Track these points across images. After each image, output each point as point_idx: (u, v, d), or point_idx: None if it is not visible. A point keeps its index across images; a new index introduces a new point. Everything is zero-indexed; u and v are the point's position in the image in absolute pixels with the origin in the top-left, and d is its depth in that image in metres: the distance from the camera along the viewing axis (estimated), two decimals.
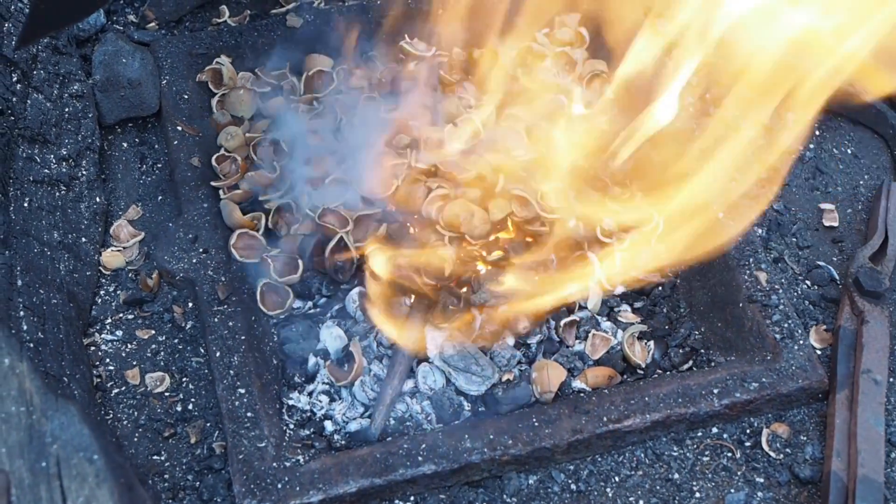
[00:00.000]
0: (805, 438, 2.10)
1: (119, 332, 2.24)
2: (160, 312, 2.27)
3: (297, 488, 1.92)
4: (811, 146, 2.58)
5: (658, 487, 2.04)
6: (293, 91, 2.56)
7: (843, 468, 2.00)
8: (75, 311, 2.18)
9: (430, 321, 2.17)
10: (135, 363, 2.19)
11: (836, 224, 2.44)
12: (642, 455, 2.07)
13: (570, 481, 2.04)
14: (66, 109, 2.40)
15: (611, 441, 2.05)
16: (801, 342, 2.13)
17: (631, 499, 2.02)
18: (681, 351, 2.21)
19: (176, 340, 2.23)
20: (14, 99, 2.27)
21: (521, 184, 2.28)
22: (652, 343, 2.23)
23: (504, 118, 2.43)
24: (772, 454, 2.08)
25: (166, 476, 2.04)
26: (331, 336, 2.18)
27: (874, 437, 2.02)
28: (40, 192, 2.25)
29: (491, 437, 2.00)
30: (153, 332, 2.24)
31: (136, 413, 2.13)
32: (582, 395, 2.12)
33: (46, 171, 2.28)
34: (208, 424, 2.11)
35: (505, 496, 2.01)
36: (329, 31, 2.64)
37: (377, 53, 2.65)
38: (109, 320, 2.25)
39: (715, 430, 2.11)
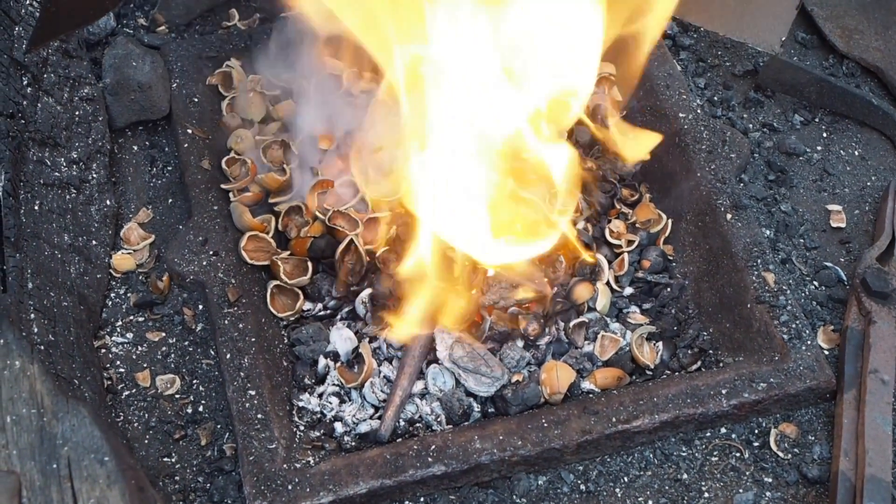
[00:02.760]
0: (813, 438, 2.11)
1: (129, 335, 2.24)
2: (170, 315, 2.27)
3: (308, 490, 1.93)
4: (818, 148, 2.58)
5: (667, 487, 2.04)
6: (303, 94, 2.56)
7: (851, 468, 2.01)
8: (86, 314, 2.19)
9: (440, 322, 2.17)
10: (145, 365, 2.20)
11: (843, 225, 2.44)
12: (651, 455, 2.08)
13: (579, 482, 2.04)
14: (77, 113, 2.41)
15: (620, 441, 2.05)
16: (809, 342, 2.13)
17: (640, 499, 2.03)
18: (689, 352, 2.21)
19: (186, 343, 2.24)
20: (24, 102, 2.28)
21: (529, 186, 2.28)
22: (660, 344, 2.23)
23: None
24: (780, 454, 2.08)
25: (177, 478, 2.05)
26: (341, 338, 2.18)
27: (882, 436, 2.02)
28: (51, 195, 2.26)
29: (500, 437, 2.01)
30: (164, 334, 2.25)
31: (146, 415, 2.14)
32: (591, 395, 2.13)
33: (57, 174, 2.29)
34: (219, 426, 2.12)
35: (514, 497, 2.02)
36: (340, 33, 2.63)
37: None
38: (120, 323, 2.26)
39: (723, 430, 2.11)
